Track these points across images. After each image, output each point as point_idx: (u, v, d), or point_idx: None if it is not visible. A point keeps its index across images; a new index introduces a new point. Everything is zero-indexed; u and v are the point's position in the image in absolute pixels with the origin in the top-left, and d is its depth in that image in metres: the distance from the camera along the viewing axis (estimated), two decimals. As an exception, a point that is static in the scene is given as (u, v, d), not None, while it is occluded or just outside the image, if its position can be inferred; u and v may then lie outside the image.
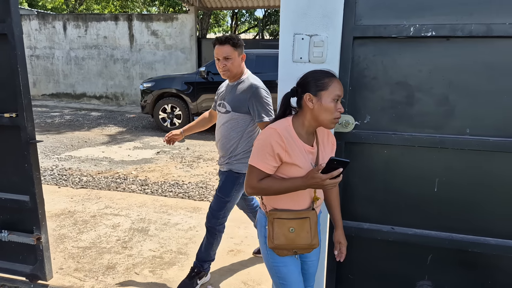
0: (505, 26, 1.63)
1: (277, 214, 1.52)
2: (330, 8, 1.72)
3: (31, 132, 2.24)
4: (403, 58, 1.78)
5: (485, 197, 1.81)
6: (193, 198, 4.17)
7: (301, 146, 1.49)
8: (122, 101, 11.53)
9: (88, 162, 5.56)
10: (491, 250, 1.85)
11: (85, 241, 3.16)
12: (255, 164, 1.47)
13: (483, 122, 1.76)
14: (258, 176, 1.47)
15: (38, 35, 11.75)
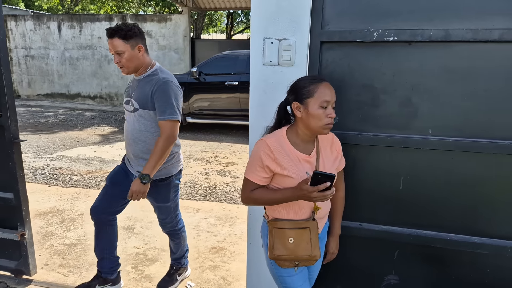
0: (462, 31, 1.71)
1: (277, 224, 1.50)
2: (297, 14, 1.80)
3: (15, 132, 2.31)
4: (368, 62, 1.87)
5: (447, 194, 1.90)
6: (180, 197, 4.23)
7: (295, 156, 1.47)
8: (116, 101, 11.59)
9: (79, 162, 5.62)
10: (453, 246, 1.93)
11: (71, 238, 3.23)
12: (246, 175, 1.50)
13: (444, 123, 1.84)
14: (250, 187, 1.49)
15: (33, 35, 11.79)
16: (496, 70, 1.73)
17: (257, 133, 2.00)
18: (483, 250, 1.90)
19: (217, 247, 3.10)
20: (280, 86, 1.90)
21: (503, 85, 1.73)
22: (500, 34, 1.67)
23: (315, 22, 1.83)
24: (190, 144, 6.77)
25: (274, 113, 1.64)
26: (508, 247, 1.86)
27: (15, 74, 12.27)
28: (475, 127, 1.80)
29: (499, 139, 1.78)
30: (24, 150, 6.19)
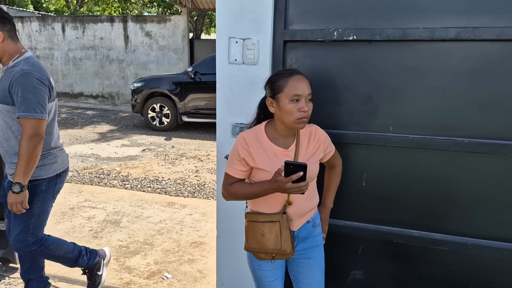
0: (419, 30, 1.76)
1: (251, 217, 1.52)
2: (259, 14, 1.87)
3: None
4: (330, 61, 1.92)
5: (408, 191, 1.93)
6: (169, 194, 4.33)
7: (272, 150, 1.49)
8: (117, 101, 11.75)
9: (76, 158, 5.74)
10: (415, 242, 1.96)
11: (60, 230, 3.33)
12: (226, 169, 1.54)
13: (404, 121, 1.88)
14: (228, 181, 1.52)
15: (39, 36, 12.00)
16: (454, 69, 1.76)
17: (224, 129, 2.07)
18: (444, 247, 1.92)
19: (198, 241, 3.18)
20: (245, 83, 1.97)
21: (461, 83, 1.77)
22: (457, 33, 1.71)
23: (277, 22, 1.90)
24: (184, 143, 6.87)
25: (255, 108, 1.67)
26: (468, 244, 1.89)
27: (21, 74, 12.49)
28: (434, 125, 1.84)
29: (457, 137, 1.82)
30: (24, 147, 6.33)
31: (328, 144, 1.66)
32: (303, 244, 1.62)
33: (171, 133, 7.70)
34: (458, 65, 1.75)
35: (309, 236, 1.62)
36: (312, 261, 1.64)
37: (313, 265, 1.64)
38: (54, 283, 2.52)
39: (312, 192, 1.60)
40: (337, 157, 1.75)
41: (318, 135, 1.61)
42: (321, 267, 1.69)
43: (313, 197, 1.63)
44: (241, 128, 2.03)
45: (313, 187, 1.61)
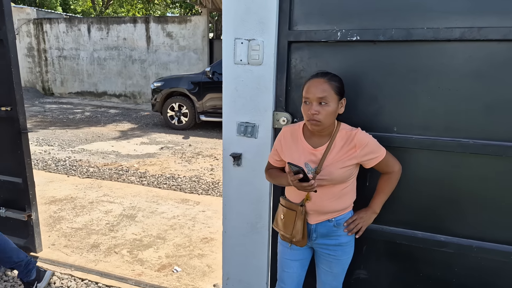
0: (423, 31, 1.76)
1: (281, 200, 1.72)
2: (264, 15, 1.92)
3: (23, 124, 2.57)
4: (335, 61, 1.95)
5: (412, 192, 1.93)
6: (184, 191, 4.44)
7: (302, 146, 1.59)
8: (139, 100, 12.06)
9: (97, 155, 5.96)
10: (418, 243, 1.95)
11: (79, 223, 3.49)
12: (269, 155, 1.77)
13: (408, 121, 1.88)
14: (267, 166, 1.79)
15: (66, 37, 12.47)
16: (459, 69, 1.75)
17: (229, 128, 2.13)
18: (449, 249, 1.91)
19: (208, 237, 3.26)
20: (250, 83, 2.03)
21: (466, 84, 1.75)
22: (461, 33, 1.70)
23: (282, 23, 1.94)
24: (201, 141, 7.00)
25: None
26: (473, 247, 1.87)
27: (50, 74, 13.02)
28: (438, 126, 1.83)
29: (463, 138, 1.80)
30: (51, 143, 6.62)
31: (367, 152, 1.59)
32: (324, 240, 1.69)
33: (189, 132, 7.85)
34: (463, 65, 1.74)
35: (330, 234, 1.68)
36: (332, 258, 1.71)
37: (333, 261, 1.72)
38: (71, 272, 2.66)
39: (340, 195, 1.63)
40: (389, 164, 1.66)
41: (356, 141, 1.57)
42: (342, 265, 1.75)
43: (341, 200, 1.65)
44: (246, 127, 2.09)
45: (342, 191, 1.64)
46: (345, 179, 1.62)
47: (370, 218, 1.74)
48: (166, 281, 2.61)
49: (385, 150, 1.65)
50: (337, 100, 1.55)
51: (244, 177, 2.17)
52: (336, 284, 1.78)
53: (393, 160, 1.68)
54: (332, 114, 1.53)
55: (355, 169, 1.67)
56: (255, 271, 2.29)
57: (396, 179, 1.71)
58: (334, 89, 1.53)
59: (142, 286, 2.53)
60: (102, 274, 2.64)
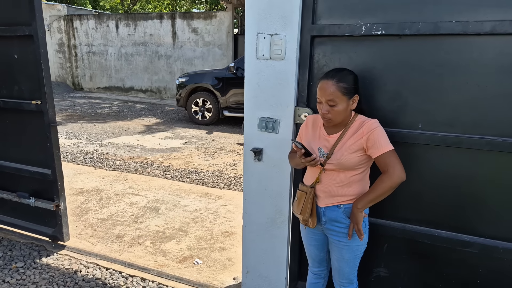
0: (452, 24, 1.70)
1: (299, 184, 1.83)
2: (287, 10, 1.91)
3: (52, 117, 2.67)
4: (358, 56, 1.91)
5: (436, 190, 1.88)
6: (206, 185, 4.49)
7: (319, 133, 1.73)
8: (165, 95, 12.28)
9: (123, 149, 6.12)
10: (442, 242, 1.91)
11: (104, 214, 3.61)
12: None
13: (434, 118, 1.83)
14: (291, 151, 1.90)
15: (95, 33, 12.84)
16: (488, 64, 1.69)
17: (251, 123, 2.14)
18: (473, 249, 1.85)
19: (229, 231, 3.29)
20: (272, 78, 2.02)
21: (496, 80, 1.69)
22: (492, 27, 1.64)
23: (305, 17, 1.92)
24: (224, 137, 7.05)
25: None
26: (499, 248, 1.81)
27: (79, 69, 13.46)
28: (466, 123, 1.77)
29: (491, 136, 1.74)
30: (79, 136, 6.86)
31: (372, 139, 1.59)
32: (333, 226, 1.74)
33: (213, 127, 7.93)
34: (493, 60, 1.68)
35: (339, 221, 1.72)
36: (342, 244, 1.74)
37: (343, 248, 1.75)
38: (96, 261, 2.75)
39: (348, 181, 1.68)
40: (387, 163, 1.59)
41: (364, 128, 1.62)
42: (353, 251, 1.75)
43: (349, 186, 1.68)
44: (267, 122, 2.09)
45: (350, 178, 1.67)
46: (353, 166, 1.64)
47: (356, 216, 1.66)
48: (187, 272, 2.66)
49: (391, 149, 1.60)
50: (346, 100, 1.61)
51: (264, 172, 2.18)
52: (349, 270, 1.79)
53: (395, 162, 1.59)
54: (341, 113, 1.61)
55: (365, 159, 1.66)
56: (274, 265, 2.30)
57: (389, 183, 1.59)
58: (341, 91, 1.58)
59: (164, 276, 2.59)
60: (126, 264, 2.72)
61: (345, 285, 1.84)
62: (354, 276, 1.83)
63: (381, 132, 1.62)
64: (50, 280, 2.53)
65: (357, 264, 1.81)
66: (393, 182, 1.58)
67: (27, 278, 2.54)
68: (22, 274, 2.58)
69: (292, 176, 2.12)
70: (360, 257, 1.80)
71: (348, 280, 1.82)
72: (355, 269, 1.82)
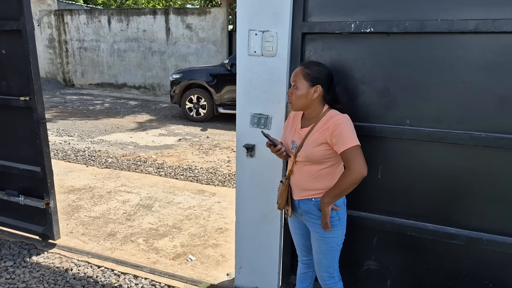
0: (438, 22, 1.73)
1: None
2: (278, 7, 1.92)
3: (41, 113, 2.65)
4: (348, 53, 1.94)
5: (423, 184, 1.93)
6: (200, 182, 4.50)
7: (296, 126, 1.79)
8: (158, 91, 12.21)
9: (116, 146, 6.09)
10: (428, 235, 1.96)
11: (96, 212, 3.60)
12: None
13: (421, 114, 1.87)
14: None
15: (86, 28, 12.70)
16: (473, 61, 1.73)
17: (243, 119, 2.15)
18: (459, 241, 1.91)
19: (223, 228, 3.31)
20: (263, 75, 2.03)
21: (480, 76, 1.73)
22: (476, 25, 1.67)
23: (296, 14, 1.93)
24: (219, 133, 7.05)
25: None
26: (483, 239, 1.86)
27: (70, 65, 13.32)
28: (451, 118, 1.81)
29: (475, 131, 1.78)
30: (70, 133, 6.81)
31: (336, 135, 1.61)
32: (308, 217, 1.80)
33: (207, 124, 7.92)
34: (477, 57, 1.71)
35: (312, 213, 1.77)
36: (318, 235, 1.79)
37: (319, 239, 1.80)
38: (88, 259, 2.75)
39: (316, 175, 1.72)
40: (349, 159, 1.60)
41: (330, 123, 1.65)
42: (328, 243, 1.78)
43: (318, 180, 1.73)
44: (259, 118, 2.10)
45: (318, 172, 1.72)
46: (319, 159, 1.69)
47: (323, 210, 1.69)
48: (181, 269, 2.67)
49: (355, 144, 1.60)
50: (307, 86, 1.67)
51: (257, 168, 2.20)
52: (327, 262, 1.82)
53: (356, 159, 1.59)
54: (302, 97, 1.68)
55: (332, 153, 1.67)
56: (267, 260, 2.32)
57: (350, 179, 1.60)
58: (304, 75, 1.67)
59: (157, 274, 2.60)
60: (118, 261, 2.72)
61: (325, 279, 1.86)
62: (334, 270, 1.85)
63: (346, 128, 1.62)
64: (41, 278, 2.52)
65: (335, 257, 1.83)
66: (354, 178, 1.59)
67: (16, 277, 2.53)
68: (11, 273, 2.57)
69: (284, 172, 2.14)
70: (337, 250, 1.82)
71: (327, 274, 1.85)
72: (334, 262, 1.83)
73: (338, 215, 1.75)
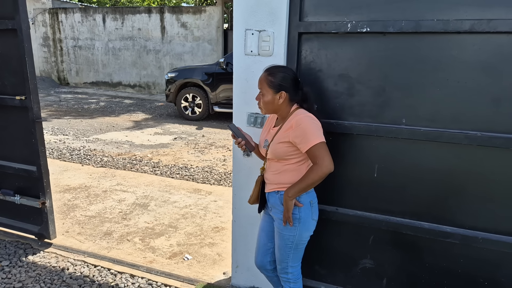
0: (433, 22, 1.74)
1: None
2: (275, 6, 1.92)
3: (37, 112, 2.64)
4: (344, 52, 1.95)
5: (418, 183, 1.94)
6: (196, 181, 4.50)
7: (270, 125, 1.87)
8: (154, 90, 12.17)
9: (111, 145, 6.07)
10: (424, 233, 1.97)
11: (92, 211, 3.59)
12: None
13: (416, 113, 1.88)
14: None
15: (81, 27, 12.62)
16: (468, 61, 1.74)
17: (240, 118, 2.15)
18: (454, 240, 1.92)
19: (219, 227, 3.31)
20: (260, 74, 2.03)
21: (475, 76, 1.74)
22: (471, 25, 1.69)
23: (293, 14, 1.94)
24: (214, 132, 7.05)
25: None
26: (479, 238, 1.88)
27: (65, 63, 13.23)
28: (446, 118, 1.83)
29: (470, 130, 1.79)
30: (65, 132, 6.77)
31: (298, 135, 1.66)
32: (273, 212, 1.86)
33: (203, 122, 7.91)
34: (472, 57, 1.73)
35: (276, 207, 1.83)
36: (277, 230, 1.85)
37: (277, 233, 1.85)
38: (84, 258, 2.75)
39: (281, 170, 1.79)
40: (315, 156, 1.64)
41: (292, 123, 1.70)
42: (283, 240, 1.82)
43: (282, 174, 1.79)
44: (256, 117, 2.10)
45: (283, 167, 1.78)
46: (283, 155, 1.74)
47: (286, 203, 1.73)
48: (177, 268, 2.67)
49: (320, 141, 1.63)
50: (273, 93, 1.71)
51: (253, 167, 2.20)
52: (281, 257, 1.86)
53: (323, 154, 1.63)
54: (269, 104, 1.74)
55: (294, 150, 1.71)
56: (262, 260, 2.32)
57: (319, 174, 1.63)
58: (268, 84, 1.71)
59: (154, 273, 2.60)
60: (115, 261, 2.72)
61: (279, 271, 1.92)
62: (288, 267, 1.87)
63: (308, 126, 1.65)
64: (37, 278, 2.51)
65: (289, 255, 1.83)
66: (322, 173, 1.64)
67: (12, 276, 2.52)
68: (7, 273, 2.55)
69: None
70: (292, 248, 1.82)
71: (281, 267, 1.88)
72: (288, 259, 1.84)
73: (299, 214, 1.76)
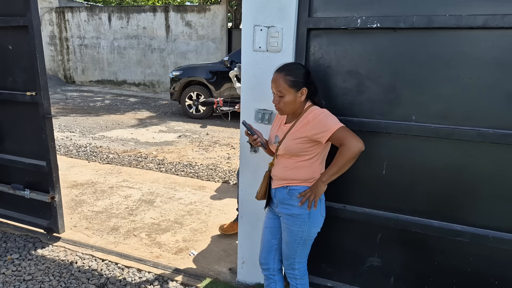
0: (445, 18, 1.73)
1: None
2: (284, 2, 1.92)
3: (47, 108, 2.66)
4: (353, 49, 1.94)
5: (428, 181, 1.93)
6: (201, 178, 4.51)
7: (281, 122, 1.85)
8: (158, 89, 12.19)
9: (117, 142, 6.09)
10: (433, 232, 1.96)
11: (99, 206, 3.61)
12: None
13: (427, 110, 1.87)
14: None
15: (87, 26, 12.67)
16: (481, 57, 1.73)
17: (247, 115, 2.15)
18: (464, 238, 1.91)
19: (225, 223, 3.31)
20: (268, 70, 2.03)
21: (487, 72, 1.73)
22: (485, 21, 1.67)
23: (302, 9, 1.94)
24: (218, 130, 7.06)
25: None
26: (489, 237, 1.86)
27: (71, 62, 13.29)
28: (458, 115, 1.81)
29: (482, 127, 1.78)
30: (72, 130, 6.80)
31: (317, 126, 1.66)
32: (280, 208, 1.84)
33: (207, 121, 7.92)
34: (485, 53, 1.71)
35: (284, 202, 1.81)
36: (285, 226, 1.83)
37: (286, 229, 1.84)
38: (92, 252, 2.76)
39: (294, 166, 1.77)
40: (340, 137, 1.64)
41: (308, 118, 1.71)
42: (292, 235, 1.81)
43: (295, 171, 1.77)
44: (264, 114, 2.11)
45: (295, 163, 1.77)
46: (298, 152, 1.73)
47: (318, 187, 1.71)
48: (183, 263, 2.68)
49: (341, 126, 1.65)
50: (294, 92, 1.69)
51: (260, 164, 2.20)
52: (288, 252, 1.86)
53: (348, 135, 1.64)
54: (290, 104, 1.71)
55: (309, 146, 1.71)
56: (269, 256, 2.32)
57: (349, 154, 1.62)
58: (288, 84, 1.68)
59: (160, 267, 2.61)
60: (122, 255, 2.74)
61: (286, 268, 1.91)
62: (296, 263, 1.87)
63: (326, 117, 1.68)
64: (46, 271, 2.53)
65: (297, 251, 1.83)
66: (351, 152, 1.62)
67: (22, 269, 2.54)
68: (17, 266, 2.58)
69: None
70: (300, 244, 1.82)
71: (288, 263, 1.88)
72: (295, 254, 1.84)
73: (309, 212, 1.76)
